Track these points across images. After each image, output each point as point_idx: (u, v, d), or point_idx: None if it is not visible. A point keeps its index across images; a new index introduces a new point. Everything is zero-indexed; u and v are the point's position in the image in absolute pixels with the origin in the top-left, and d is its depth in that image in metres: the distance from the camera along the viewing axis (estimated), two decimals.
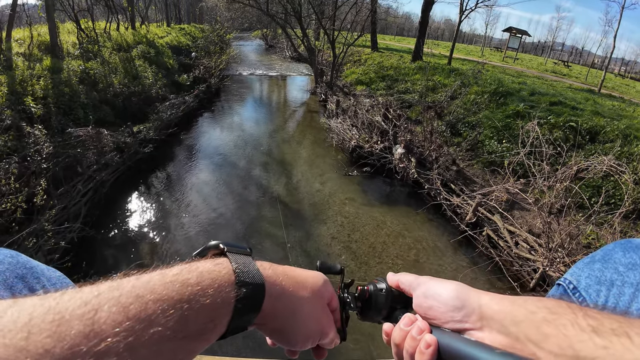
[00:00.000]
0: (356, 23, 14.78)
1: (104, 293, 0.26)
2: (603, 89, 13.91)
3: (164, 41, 14.11)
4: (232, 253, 0.37)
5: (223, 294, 0.31)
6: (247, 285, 0.34)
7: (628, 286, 0.45)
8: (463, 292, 0.41)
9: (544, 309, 0.35)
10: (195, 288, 0.30)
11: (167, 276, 0.30)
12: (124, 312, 0.25)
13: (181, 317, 0.28)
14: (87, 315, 0.24)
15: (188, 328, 0.28)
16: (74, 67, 7.40)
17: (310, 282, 0.43)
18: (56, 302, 0.24)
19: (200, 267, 0.32)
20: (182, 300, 0.28)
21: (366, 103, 8.96)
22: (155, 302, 0.27)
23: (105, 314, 0.25)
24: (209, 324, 0.30)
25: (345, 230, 5.07)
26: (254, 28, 35.71)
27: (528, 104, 7.99)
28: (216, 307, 0.31)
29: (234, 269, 0.34)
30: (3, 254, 0.43)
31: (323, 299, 0.45)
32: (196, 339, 0.29)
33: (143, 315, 0.26)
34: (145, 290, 0.28)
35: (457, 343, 0.36)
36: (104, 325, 0.24)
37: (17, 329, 0.22)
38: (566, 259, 3.89)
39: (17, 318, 0.23)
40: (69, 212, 4.47)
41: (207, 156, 7.45)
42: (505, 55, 26.25)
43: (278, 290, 0.38)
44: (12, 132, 4.74)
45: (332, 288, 0.47)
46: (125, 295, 0.27)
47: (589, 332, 0.31)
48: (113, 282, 0.28)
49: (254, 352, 3.12)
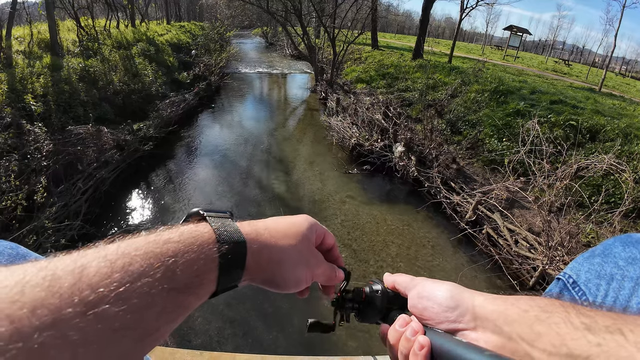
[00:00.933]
0: (357, 21, 14.74)
1: (91, 253, 0.28)
2: (604, 88, 13.89)
3: (164, 39, 14.09)
4: (212, 217, 0.38)
5: (205, 250, 0.33)
6: (227, 243, 0.35)
7: (628, 280, 0.46)
8: (457, 292, 0.41)
9: (536, 307, 0.35)
10: (179, 245, 0.31)
11: (150, 236, 0.31)
12: (111, 266, 0.27)
13: (167, 270, 0.29)
14: (77, 270, 0.25)
15: (175, 280, 0.29)
16: (74, 64, 7.39)
17: (294, 229, 0.44)
18: (47, 263, 0.26)
19: (182, 228, 0.34)
20: (167, 254, 0.30)
21: (366, 101, 8.95)
22: (140, 256, 0.28)
23: (94, 268, 0.26)
24: (195, 279, 0.31)
25: (345, 228, 5.08)
26: (254, 26, 35.60)
27: (528, 102, 7.98)
28: (200, 262, 0.32)
29: (214, 228, 0.35)
30: (3, 245, 0.43)
31: (309, 242, 0.45)
32: (184, 292, 0.30)
33: (130, 268, 0.27)
34: (130, 247, 0.29)
35: (449, 344, 0.37)
36: (93, 277, 0.25)
37: (11, 284, 0.23)
38: (566, 258, 3.89)
39: (10, 276, 0.24)
40: (69, 209, 4.47)
41: (207, 154, 7.45)
42: (505, 53, 26.19)
43: (259, 243, 0.39)
44: (12, 129, 4.74)
45: (322, 227, 0.48)
46: (111, 253, 0.28)
47: (582, 329, 0.31)
48: (98, 245, 0.29)
49: (252, 348, 3.13)
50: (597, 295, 0.47)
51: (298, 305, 3.54)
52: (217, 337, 3.20)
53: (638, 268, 0.46)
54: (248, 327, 3.32)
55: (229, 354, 1.26)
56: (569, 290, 0.51)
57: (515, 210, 5.27)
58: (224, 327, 3.28)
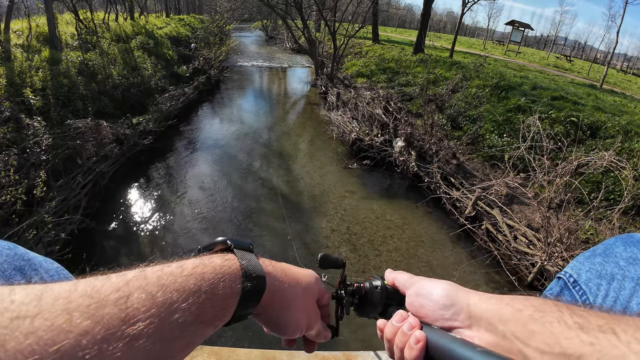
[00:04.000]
0: (357, 15, 14.63)
1: (132, 281, 0.29)
2: (605, 85, 13.84)
3: (163, 32, 13.96)
4: (237, 249, 0.40)
5: (233, 286, 0.35)
6: (251, 280, 0.37)
7: (629, 280, 0.46)
8: (452, 291, 0.42)
9: (530, 307, 0.36)
10: (211, 281, 0.33)
11: (186, 269, 0.33)
12: (152, 299, 0.28)
13: (200, 305, 0.31)
14: (120, 301, 0.27)
15: (205, 315, 0.32)
16: (73, 58, 7.34)
17: (304, 280, 0.47)
18: (90, 287, 0.27)
19: (213, 262, 0.36)
20: (200, 291, 0.32)
21: (367, 96, 8.91)
22: (177, 291, 0.30)
23: (136, 300, 0.28)
24: (220, 312, 0.34)
25: (344, 223, 5.09)
26: (254, 19, 35.33)
27: (529, 98, 7.96)
28: (227, 297, 0.34)
29: (240, 265, 0.37)
30: (1, 245, 0.43)
31: (313, 295, 0.49)
32: (210, 324, 0.33)
33: (168, 302, 0.29)
34: (169, 281, 0.31)
35: (443, 340, 0.38)
36: (135, 310, 0.27)
37: (57, 311, 0.24)
38: (564, 254, 3.91)
39: (55, 301, 0.25)
40: (69, 204, 4.48)
41: (206, 148, 7.43)
42: (507, 48, 26.04)
43: (276, 285, 0.41)
44: (11, 124, 4.72)
45: (323, 286, 0.52)
46: (152, 284, 0.30)
47: (575, 329, 0.31)
48: (138, 271, 0.31)
49: (251, 343, 3.15)
50: (597, 295, 0.47)
51: None
52: (216, 332, 3.21)
53: (639, 268, 0.46)
54: (248, 321, 3.34)
55: (229, 349, 1.26)
56: (570, 289, 0.51)
57: (515, 206, 5.28)
58: None
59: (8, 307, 0.23)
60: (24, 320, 0.22)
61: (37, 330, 0.22)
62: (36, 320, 0.23)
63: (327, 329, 0.53)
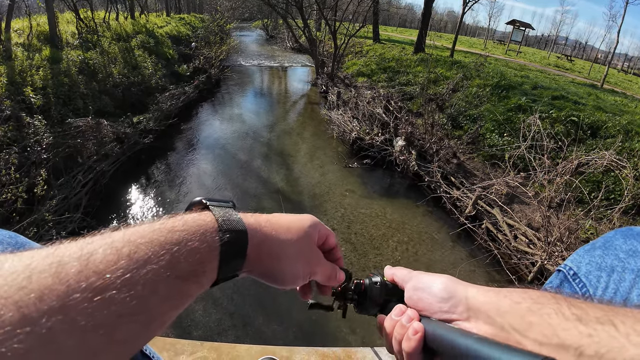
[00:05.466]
0: (358, 14, 14.61)
1: (97, 240, 0.28)
2: (605, 84, 13.83)
3: (163, 31, 13.96)
4: (214, 206, 0.38)
5: (208, 238, 0.33)
6: (230, 232, 0.35)
7: (629, 272, 0.46)
8: (451, 284, 0.42)
9: (528, 299, 0.36)
10: (182, 233, 0.32)
11: (155, 224, 0.32)
12: (117, 253, 0.27)
13: (172, 258, 0.30)
14: (84, 257, 0.26)
15: (179, 268, 0.30)
16: (73, 57, 7.34)
17: (296, 225, 0.44)
18: (53, 249, 0.26)
19: (186, 216, 0.34)
20: (171, 242, 0.30)
21: (367, 95, 8.91)
22: (145, 244, 0.29)
23: (101, 255, 0.26)
24: (197, 267, 0.32)
25: (344, 222, 5.09)
26: (254, 18, 35.34)
27: (530, 97, 7.95)
28: (203, 250, 0.32)
29: (216, 217, 0.35)
30: (2, 234, 0.43)
31: (311, 239, 0.45)
32: (188, 279, 0.31)
33: (135, 256, 0.28)
34: (135, 235, 0.29)
35: (441, 330, 0.38)
36: (100, 264, 0.26)
37: (19, 271, 0.23)
38: (564, 253, 3.91)
39: (18, 262, 0.24)
40: (70, 202, 4.48)
41: (207, 147, 7.44)
42: (508, 48, 26.02)
43: (261, 235, 0.39)
44: (11, 122, 4.73)
45: (326, 227, 0.48)
46: (117, 240, 0.28)
47: (573, 320, 0.31)
48: (104, 233, 0.30)
49: (252, 339, 3.16)
50: (597, 287, 0.48)
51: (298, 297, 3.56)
52: (217, 328, 3.22)
53: (639, 260, 0.46)
54: (248, 318, 3.35)
55: (229, 345, 1.27)
56: (570, 282, 0.51)
57: (515, 205, 5.28)
58: (224, 319, 3.31)
59: None
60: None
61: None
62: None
63: (339, 271, 0.49)
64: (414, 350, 0.39)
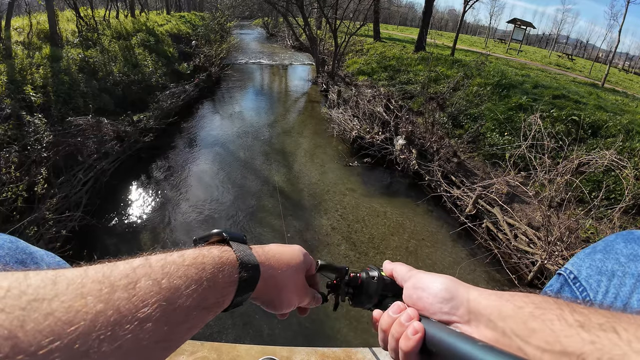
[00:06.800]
0: (359, 12, 14.58)
1: (138, 269, 0.31)
2: (606, 84, 13.80)
3: (163, 29, 13.93)
4: (233, 241, 0.43)
5: (231, 276, 0.39)
6: (247, 270, 0.41)
7: (629, 277, 0.46)
8: (452, 285, 0.42)
9: (531, 304, 0.35)
10: (212, 272, 0.36)
11: (187, 259, 0.36)
12: (157, 285, 0.31)
13: (202, 293, 0.34)
14: (130, 286, 0.29)
15: (206, 301, 0.35)
16: (74, 55, 7.33)
17: (294, 261, 0.51)
18: (100, 273, 0.29)
19: (212, 253, 0.39)
20: (202, 279, 0.35)
21: (368, 93, 8.90)
22: (180, 278, 0.33)
23: (144, 286, 0.30)
24: (220, 299, 0.37)
25: (345, 220, 5.09)
26: (255, 16, 35.19)
27: (531, 96, 7.93)
28: (226, 286, 0.38)
29: (237, 256, 0.41)
30: (2, 239, 0.43)
31: (301, 272, 0.53)
32: (210, 310, 0.36)
33: (172, 289, 0.32)
34: (172, 269, 0.33)
35: (442, 333, 0.37)
36: (143, 295, 0.29)
37: (72, 294, 0.26)
38: (565, 253, 3.91)
39: (69, 285, 0.26)
40: (70, 200, 4.48)
41: (207, 145, 7.43)
42: (509, 47, 25.96)
43: (268, 270, 0.46)
44: (12, 121, 4.73)
45: (310, 258, 0.56)
46: (156, 272, 0.32)
47: (576, 327, 0.31)
48: (142, 259, 0.33)
49: (252, 339, 3.17)
50: (598, 291, 0.47)
51: None
52: (217, 327, 3.23)
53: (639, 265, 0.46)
54: (248, 318, 3.35)
55: (229, 345, 1.27)
56: (570, 285, 0.51)
57: (515, 204, 5.28)
58: (224, 319, 3.32)
59: (25, 290, 0.24)
60: (42, 303, 0.24)
61: (55, 312, 0.24)
62: (53, 303, 0.24)
63: (317, 296, 0.57)
64: (412, 350, 0.38)
